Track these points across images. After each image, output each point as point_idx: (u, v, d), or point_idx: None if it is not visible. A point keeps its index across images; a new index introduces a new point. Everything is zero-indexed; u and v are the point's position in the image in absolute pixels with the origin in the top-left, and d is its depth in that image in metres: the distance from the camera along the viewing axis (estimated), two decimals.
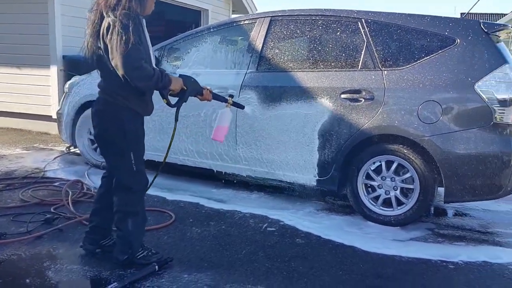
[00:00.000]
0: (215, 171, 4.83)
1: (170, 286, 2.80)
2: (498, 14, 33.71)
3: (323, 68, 4.26)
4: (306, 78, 4.26)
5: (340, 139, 4.11)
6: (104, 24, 2.69)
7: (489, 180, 3.73)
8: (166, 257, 3.09)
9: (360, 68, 4.10)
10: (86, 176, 5.06)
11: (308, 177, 4.34)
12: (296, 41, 4.48)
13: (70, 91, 5.57)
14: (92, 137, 5.36)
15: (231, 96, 3.45)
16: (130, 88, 2.76)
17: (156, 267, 2.94)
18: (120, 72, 2.65)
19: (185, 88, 3.02)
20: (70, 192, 4.31)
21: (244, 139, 4.53)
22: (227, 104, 3.38)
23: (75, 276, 2.90)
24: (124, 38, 2.59)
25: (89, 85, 5.29)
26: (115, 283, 2.73)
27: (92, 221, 3.17)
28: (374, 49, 4.08)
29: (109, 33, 2.64)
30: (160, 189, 4.69)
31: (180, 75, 3.06)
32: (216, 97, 3.32)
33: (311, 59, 4.38)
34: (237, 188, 4.97)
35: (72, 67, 7.16)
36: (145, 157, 3.05)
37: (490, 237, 3.98)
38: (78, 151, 5.72)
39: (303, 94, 4.23)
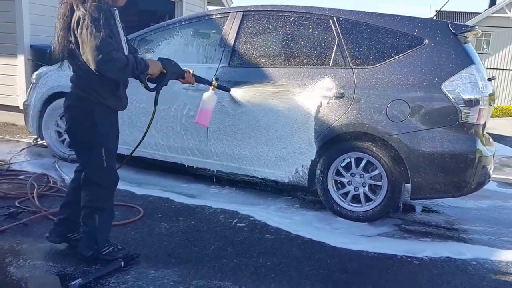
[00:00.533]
0: (186, 165, 4.80)
1: (135, 283, 2.78)
2: (472, 12, 34.38)
3: (295, 65, 4.27)
4: (278, 74, 4.27)
5: (311, 136, 4.14)
6: (75, 17, 2.63)
7: (454, 177, 3.81)
8: (132, 253, 3.07)
9: (331, 66, 4.13)
10: (58, 169, 4.97)
11: (279, 173, 4.36)
12: (268, 37, 4.48)
13: (37, 82, 5.45)
14: (59, 129, 5.28)
15: (216, 78, 3.38)
16: (102, 83, 2.73)
17: (122, 263, 2.92)
18: (92, 66, 2.59)
19: (165, 72, 2.97)
20: (36, 186, 4.22)
21: (215, 135, 4.51)
22: (211, 86, 3.32)
23: (39, 272, 2.85)
24: (94, 32, 2.53)
25: (56, 76, 5.19)
26: (79, 279, 2.69)
27: (62, 213, 3.11)
28: (345, 47, 4.11)
29: (79, 27, 2.58)
30: (129, 183, 4.64)
31: (159, 58, 3.00)
32: (199, 79, 3.25)
33: (283, 55, 4.38)
34: (209, 183, 4.95)
35: (40, 57, 6.99)
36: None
37: (455, 233, 4.07)
38: (45, 143, 5.61)
39: (275, 89, 4.23)
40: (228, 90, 3.62)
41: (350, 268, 3.20)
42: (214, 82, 3.30)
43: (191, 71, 3.16)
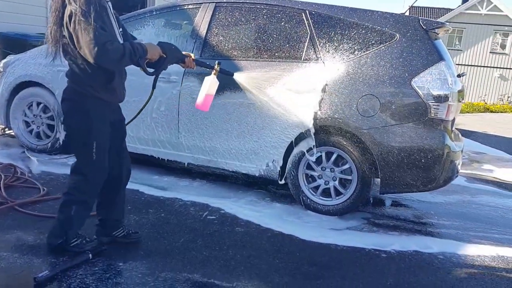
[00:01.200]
0: (157, 157, 4.76)
1: (103, 275, 2.75)
2: (445, 9, 34.87)
3: (267, 58, 4.26)
4: (250, 67, 4.26)
5: (282, 129, 4.15)
6: (67, 12, 2.63)
7: (423, 172, 3.87)
8: (100, 245, 3.04)
9: (303, 60, 4.14)
10: (33, 160, 4.89)
11: (250, 166, 4.36)
12: (240, 29, 4.45)
13: (4, 70, 5.31)
14: (27, 119, 5.17)
15: (219, 63, 3.32)
16: (94, 76, 2.75)
17: (90, 255, 2.89)
18: (90, 60, 2.61)
19: (165, 56, 2.95)
20: (3, 176, 4.12)
21: (186, 127, 4.48)
22: (213, 71, 3.27)
23: (4, 263, 2.79)
24: (87, 26, 2.55)
25: (24, 65, 5.08)
26: (46, 271, 2.65)
27: (99, 215, 3.17)
28: (317, 41, 4.12)
29: (72, 22, 2.60)
30: None
31: (159, 43, 2.98)
32: (201, 63, 3.23)
33: (255, 48, 4.36)
34: (180, 176, 4.92)
35: (8, 45, 6.84)
36: None
37: (423, 227, 4.14)
38: (13, 133, 5.48)
39: (246, 82, 4.22)
40: (232, 75, 3.58)
41: (319, 261, 3.23)
42: (216, 66, 3.24)
43: (192, 55, 3.14)
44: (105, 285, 2.64)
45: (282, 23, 4.28)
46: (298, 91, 4.07)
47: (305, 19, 4.19)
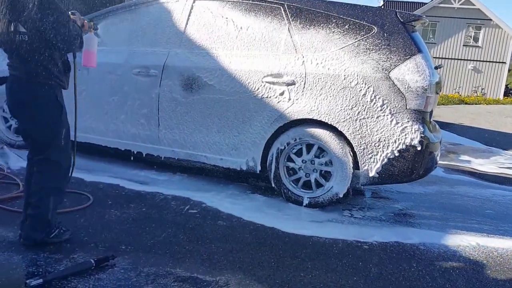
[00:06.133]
0: (134, 152, 4.72)
1: (85, 271, 2.70)
2: (419, 2, 35.17)
3: (246, 51, 4.25)
4: (230, 60, 4.24)
5: (262, 123, 4.14)
6: (21, 7, 2.68)
7: (402, 164, 3.91)
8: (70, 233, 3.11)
9: (282, 53, 4.13)
10: (12, 155, 4.80)
11: (231, 159, 4.35)
12: (219, 22, 4.41)
13: None
14: (6, 115, 5.07)
15: (90, 20, 3.41)
16: (62, 66, 2.90)
17: (93, 263, 2.75)
18: (64, 47, 2.82)
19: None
20: None
21: (166, 123, 4.46)
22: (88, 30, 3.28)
23: None
24: (49, 17, 2.68)
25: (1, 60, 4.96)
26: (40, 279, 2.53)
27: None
28: (295, 34, 4.12)
29: (34, 13, 2.66)
30: (79, 169, 4.44)
31: (71, 13, 3.01)
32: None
33: (234, 41, 4.33)
34: (160, 170, 4.88)
35: None
36: None
37: (403, 218, 4.19)
38: None
39: (226, 77, 4.21)
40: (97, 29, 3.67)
41: (302, 254, 3.24)
42: (85, 24, 3.24)
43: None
44: (87, 281, 2.60)
45: (261, 17, 4.26)
46: (277, 83, 4.07)
47: (283, 12, 4.19)
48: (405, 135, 3.85)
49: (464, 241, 3.72)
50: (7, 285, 2.51)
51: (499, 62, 30.72)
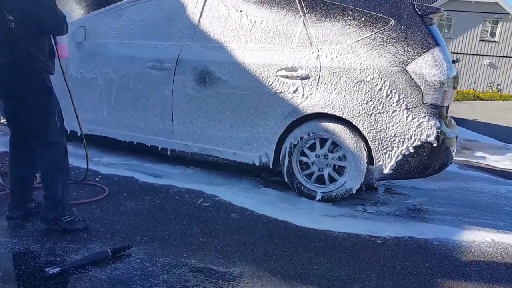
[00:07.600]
0: (148, 146, 4.76)
1: (102, 260, 2.73)
2: None
3: (260, 45, 4.24)
4: (243, 54, 4.24)
5: (276, 117, 4.14)
6: None
7: (418, 159, 3.88)
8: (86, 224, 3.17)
9: (297, 46, 4.12)
10: None
11: (244, 154, 4.35)
12: (233, 15, 4.41)
13: None
14: None
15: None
16: (47, 52, 3.02)
17: (110, 252, 2.78)
18: (57, 31, 3.02)
19: None
20: (0, 164, 4.10)
21: (180, 118, 4.49)
22: None
23: (4, 249, 2.79)
24: (36, 4, 2.82)
25: None
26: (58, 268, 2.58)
27: (15, 190, 3.21)
28: (310, 27, 4.10)
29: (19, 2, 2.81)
30: (94, 162, 4.56)
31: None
32: None
33: (248, 34, 4.33)
34: (174, 163, 4.91)
35: None
36: None
37: (417, 214, 4.17)
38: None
39: (240, 71, 4.21)
40: None
41: (314, 247, 3.24)
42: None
43: None
44: (104, 270, 2.64)
45: (276, 9, 4.25)
46: (292, 77, 4.06)
47: (298, 4, 4.17)
48: (421, 130, 3.81)
49: (479, 237, 3.69)
50: (26, 273, 2.55)
51: None
